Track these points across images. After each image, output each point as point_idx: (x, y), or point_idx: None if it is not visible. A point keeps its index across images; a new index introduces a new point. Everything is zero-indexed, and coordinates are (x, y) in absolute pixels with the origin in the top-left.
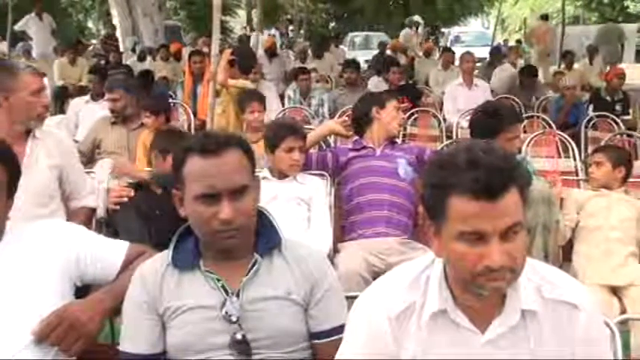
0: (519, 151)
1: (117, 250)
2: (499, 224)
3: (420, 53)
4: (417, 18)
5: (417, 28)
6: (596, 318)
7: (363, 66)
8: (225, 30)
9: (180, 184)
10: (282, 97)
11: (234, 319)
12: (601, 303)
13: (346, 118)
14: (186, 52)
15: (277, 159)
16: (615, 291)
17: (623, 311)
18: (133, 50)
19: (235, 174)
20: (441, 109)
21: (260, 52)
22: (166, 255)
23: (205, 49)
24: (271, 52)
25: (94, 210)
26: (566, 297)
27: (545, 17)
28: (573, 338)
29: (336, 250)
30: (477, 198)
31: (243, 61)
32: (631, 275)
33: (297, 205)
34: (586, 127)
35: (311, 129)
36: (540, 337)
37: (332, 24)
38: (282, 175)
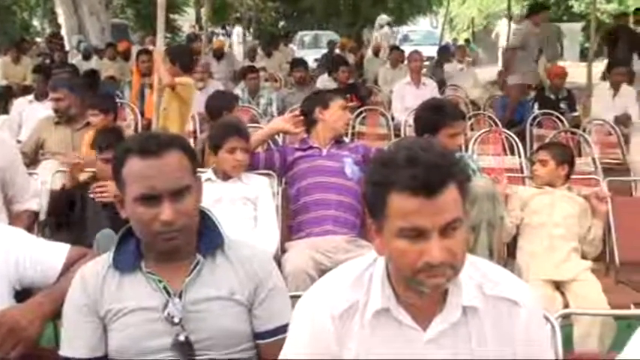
0: (465, 148)
1: (57, 252)
2: (438, 220)
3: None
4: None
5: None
6: (537, 314)
7: (313, 65)
8: (173, 28)
9: (121, 186)
10: (237, 97)
11: (176, 320)
12: (544, 298)
13: (297, 113)
14: (134, 50)
15: (220, 159)
16: (558, 286)
17: (566, 306)
18: (79, 49)
19: (176, 175)
20: (389, 108)
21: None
22: (107, 257)
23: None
24: (219, 54)
25: (37, 213)
26: (507, 294)
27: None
28: (514, 334)
29: (283, 250)
30: (416, 195)
31: (182, 59)
32: (573, 270)
33: (242, 205)
34: (531, 124)
35: (259, 128)
36: (481, 333)
37: (281, 23)
38: (226, 176)
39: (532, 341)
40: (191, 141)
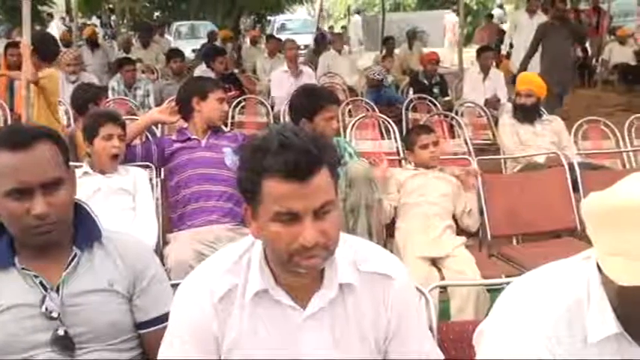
0: (344, 133)
1: None
2: (311, 204)
3: None
4: None
5: None
6: (408, 285)
7: (190, 56)
8: (42, 20)
9: None
10: (105, 88)
11: (54, 315)
12: (421, 274)
13: (173, 104)
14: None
15: (97, 148)
16: (435, 262)
17: (442, 280)
18: None
19: (47, 167)
20: (268, 97)
21: (80, 42)
22: None
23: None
24: (93, 42)
25: None
26: (379, 269)
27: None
28: (388, 307)
29: (165, 242)
30: (289, 179)
31: (43, 47)
32: (448, 247)
33: (120, 196)
34: (406, 109)
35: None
36: (358, 308)
37: (156, 13)
38: (103, 169)
39: (405, 310)
40: None
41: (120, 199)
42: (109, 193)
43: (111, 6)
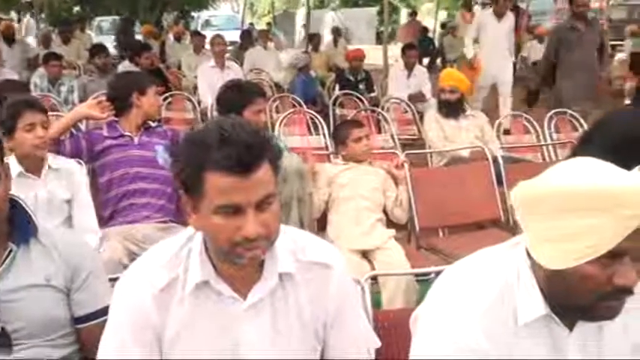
0: (272, 129)
1: None
2: (253, 196)
3: None
4: None
5: None
6: (346, 275)
7: (113, 51)
8: None
9: None
10: (27, 84)
11: None
12: (353, 266)
13: (103, 99)
14: None
15: (19, 141)
16: (366, 254)
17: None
18: None
19: None
20: (195, 93)
21: None
22: None
23: None
24: (9, 38)
25: None
26: (318, 258)
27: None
28: (327, 295)
29: None
30: (231, 173)
31: None
32: (378, 239)
33: (59, 210)
34: (333, 105)
35: (61, 117)
36: (297, 296)
37: (76, 8)
38: (30, 164)
39: (343, 298)
40: None
41: (59, 213)
42: (46, 206)
43: (29, 0)
